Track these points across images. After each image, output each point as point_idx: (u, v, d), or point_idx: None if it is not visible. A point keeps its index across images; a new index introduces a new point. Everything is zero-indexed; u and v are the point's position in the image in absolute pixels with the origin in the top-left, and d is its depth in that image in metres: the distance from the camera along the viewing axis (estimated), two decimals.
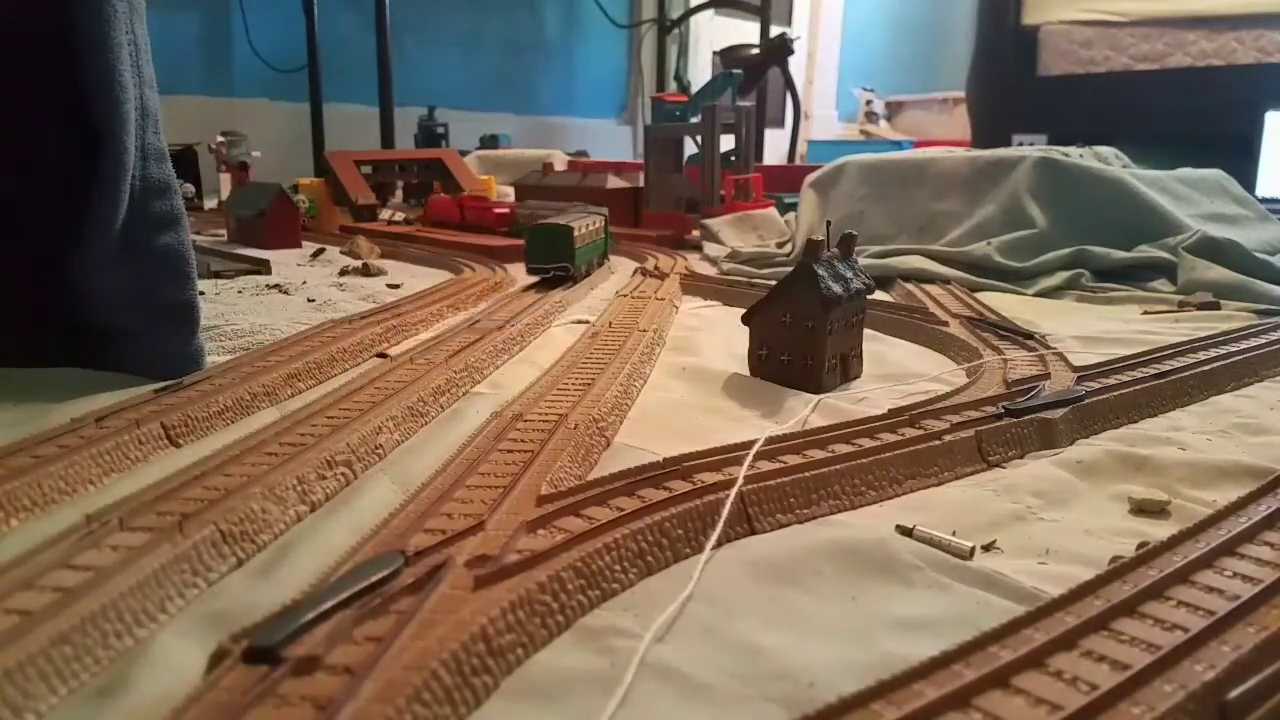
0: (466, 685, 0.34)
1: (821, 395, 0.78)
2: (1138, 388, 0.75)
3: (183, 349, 0.81)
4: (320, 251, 1.79)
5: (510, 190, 2.61)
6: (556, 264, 1.33)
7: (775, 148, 4.01)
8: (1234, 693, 0.32)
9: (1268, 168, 2.42)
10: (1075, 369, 0.80)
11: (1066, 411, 0.67)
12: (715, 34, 4.44)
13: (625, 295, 1.25)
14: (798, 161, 3.58)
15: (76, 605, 0.38)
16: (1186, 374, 0.79)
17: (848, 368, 0.83)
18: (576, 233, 1.33)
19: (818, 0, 5.20)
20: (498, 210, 1.94)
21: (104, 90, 0.72)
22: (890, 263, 1.46)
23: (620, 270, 1.58)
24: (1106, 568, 0.42)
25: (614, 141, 4.45)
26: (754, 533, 0.50)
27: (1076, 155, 1.61)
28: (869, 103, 5.19)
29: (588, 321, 1.09)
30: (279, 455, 0.57)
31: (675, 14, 4.16)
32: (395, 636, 0.35)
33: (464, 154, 2.76)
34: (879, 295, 1.28)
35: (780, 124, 4.12)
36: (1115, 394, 0.72)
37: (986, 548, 0.49)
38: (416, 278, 1.48)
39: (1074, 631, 0.36)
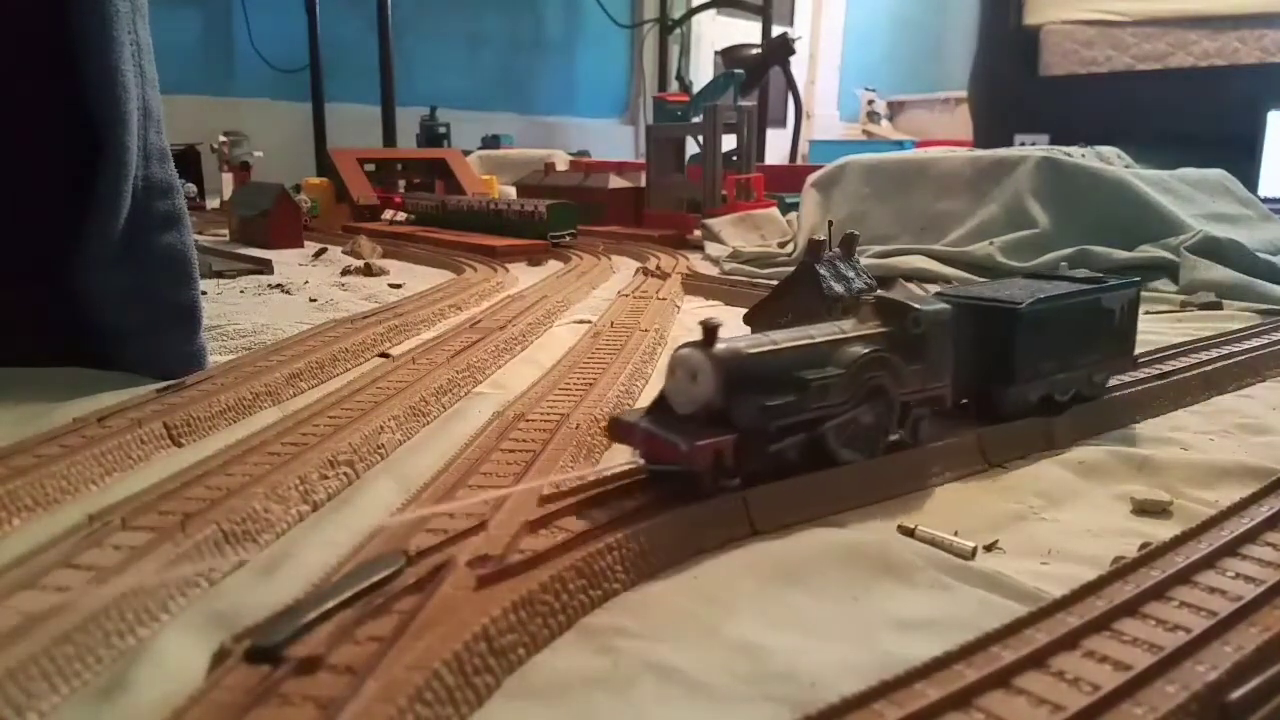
0: (468, 685, 0.34)
1: None
2: (1140, 388, 0.75)
3: (185, 348, 0.81)
4: (322, 251, 1.79)
5: (512, 190, 2.61)
6: (568, 230, 1.86)
7: (777, 148, 4.01)
8: (1236, 693, 0.32)
9: (1270, 167, 2.42)
10: None
11: (1069, 411, 0.67)
12: (717, 34, 4.44)
13: (627, 295, 1.25)
14: (799, 161, 3.58)
15: (79, 604, 0.38)
16: (1189, 374, 0.79)
17: None
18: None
19: (819, 0, 5.19)
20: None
21: (106, 90, 0.72)
22: (892, 262, 1.46)
23: (622, 270, 1.58)
24: (1109, 568, 0.42)
25: (616, 141, 4.45)
26: (755, 533, 0.50)
27: (1078, 155, 1.61)
28: (871, 102, 5.19)
29: (589, 321, 1.09)
30: (281, 455, 0.57)
31: (677, 14, 4.16)
32: (397, 636, 0.35)
33: (466, 154, 2.76)
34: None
35: (782, 124, 4.12)
36: (1117, 394, 0.72)
37: (988, 548, 0.49)
38: (418, 278, 1.48)
39: (1076, 632, 0.36)
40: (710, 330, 0.48)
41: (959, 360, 0.58)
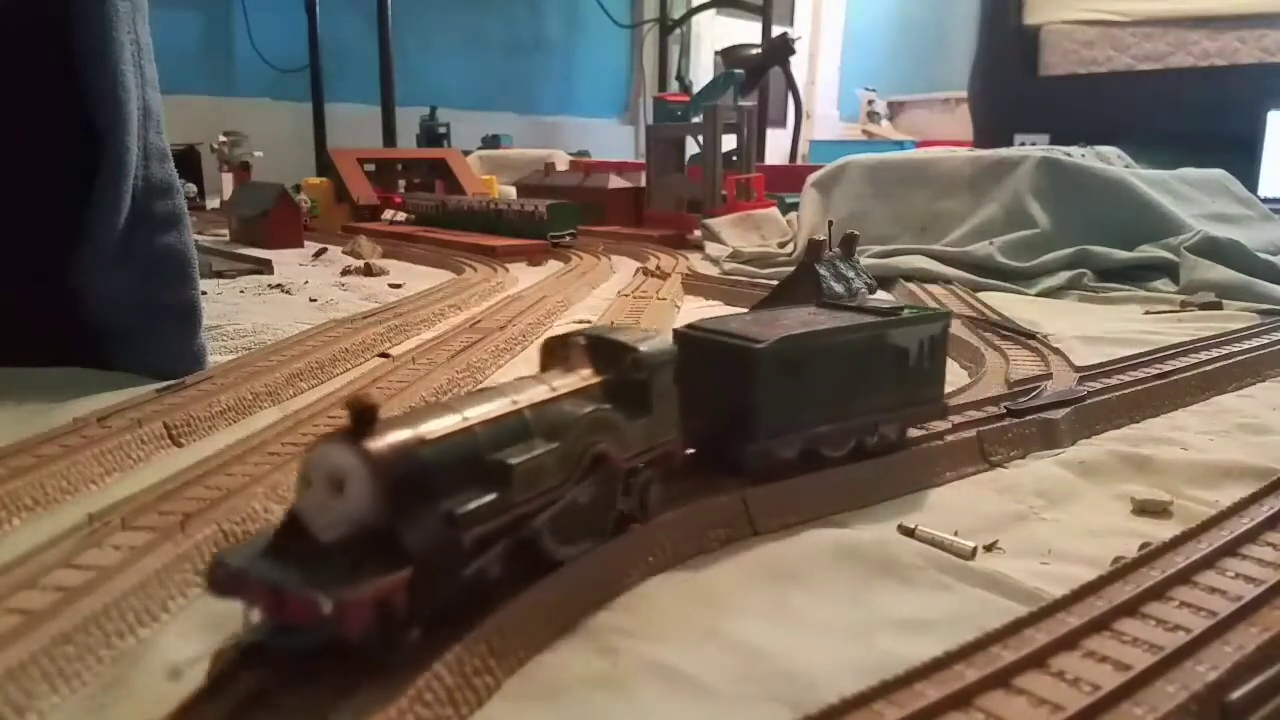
0: (468, 686, 0.34)
1: None
2: (1140, 388, 0.75)
3: (185, 348, 0.81)
4: (322, 251, 1.79)
5: (512, 190, 2.61)
6: (568, 230, 1.84)
7: (777, 147, 4.01)
8: (1236, 693, 0.32)
9: (1270, 167, 2.42)
10: (1077, 369, 0.79)
11: (1068, 411, 0.67)
12: (717, 34, 4.44)
13: (627, 295, 1.25)
14: (799, 161, 3.58)
15: (79, 604, 0.38)
16: (1189, 374, 0.79)
17: None
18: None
19: (819, 0, 5.19)
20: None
21: (106, 90, 0.72)
22: (892, 262, 1.46)
23: (622, 270, 1.58)
24: (1109, 568, 0.42)
25: (616, 141, 4.45)
26: (755, 533, 0.50)
27: (1079, 155, 1.61)
28: (871, 102, 5.19)
29: (589, 321, 1.09)
30: (281, 455, 0.57)
31: (677, 14, 4.16)
32: None
33: (466, 154, 2.76)
34: (881, 295, 1.28)
35: (782, 124, 4.12)
36: (1117, 394, 0.72)
37: (988, 548, 0.49)
38: (418, 278, 1.48)
39: (1076, 632, 0.36)
40: (363, 413, 0.33)
41: (700, 409, 0.48)
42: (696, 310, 1.22)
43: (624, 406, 0.43)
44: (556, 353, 0.45)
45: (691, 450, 0.47)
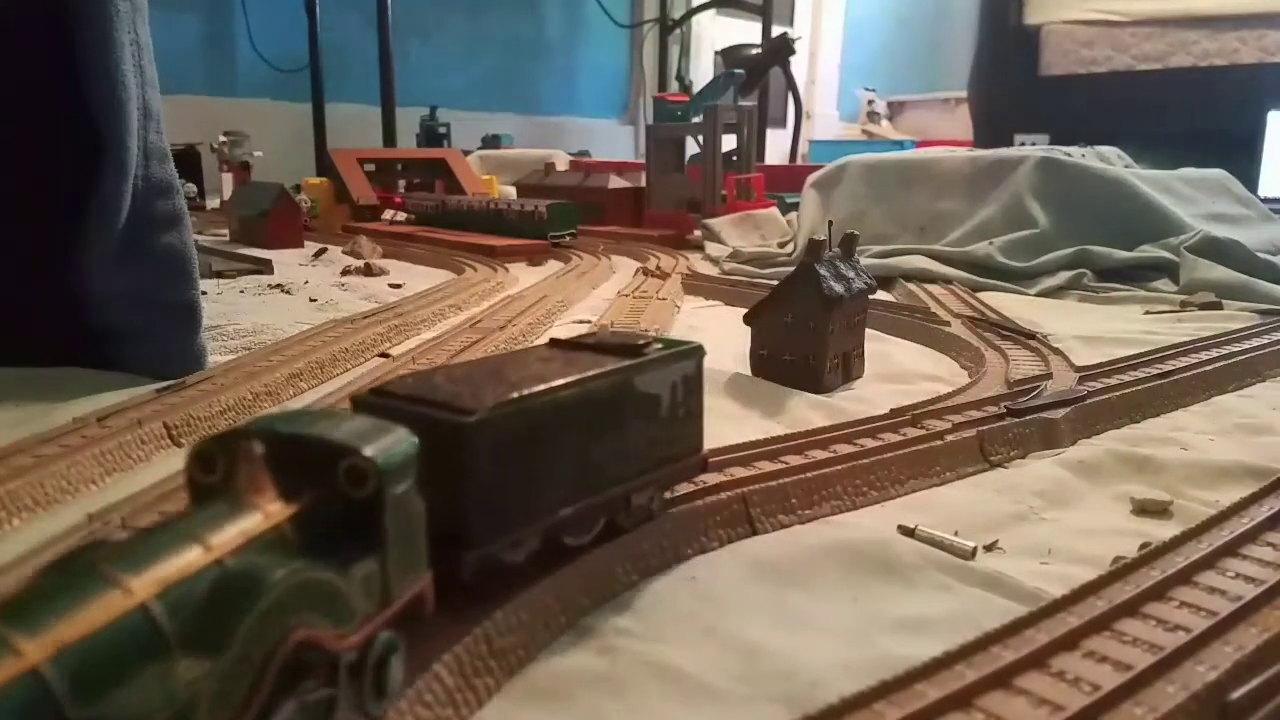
0: (468, 686, 0.34)
1: (823, 395, 0.77)
2: (1140, 388, 0.75)
3: (185, 348, 0.81)
4: (322, 251, 1.79)
5: (512, 190, 2.61)
6: (568, 230, 1.85)
7: (777, 147, 4.01)
8: (1236, 693, 0.32)
9: (1270, 167, 2.42)
10: (1077, 369, 0.79)
11: (1068, 411, 0.67)
12: (717, 34, 4.44)
13: (627, 295, 1.25)
14: (799, 161, 3.57)
15: None
16: (1189, 374, 0.79)
17: (849, 367, 0.83)
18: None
19: (819, 0, 5.19)
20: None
21: (106, 90, 0.72)
22: (892, 262, 1.46)
23: (622, 270, 1.58)
24: (1109, 568, 0.42)
25: (616, 141, 4.45)
26: (755, 533, 0.50)
27: (1078, 155, 1.61)
28: (871, 102, 5.19)
29: (589, 321, 1.09)
30: None
31: (677, 14, 4.16)
32: None
33: (466, 154, 2.76)
34: (881, 295, 1.28)
35: (782, 124, 4.12)
36: (1117, 394, 0.72)
37: (988, 548, 0.49)
38: (418, 278, 1.48)
39: (1076, 632, 0.36)
40: None
41: None
42: (697, 310, 1.22)
43: (337, 549, 0.28)
44: (218, 467, 0.29)
45: None
